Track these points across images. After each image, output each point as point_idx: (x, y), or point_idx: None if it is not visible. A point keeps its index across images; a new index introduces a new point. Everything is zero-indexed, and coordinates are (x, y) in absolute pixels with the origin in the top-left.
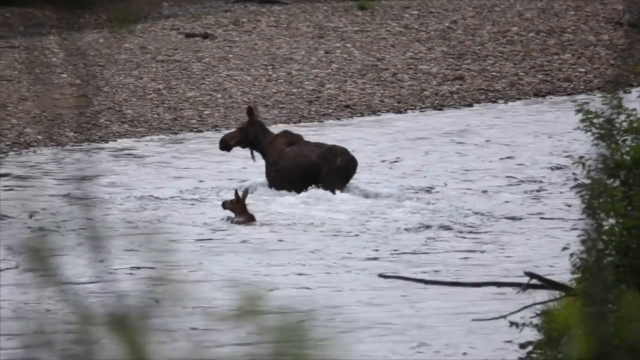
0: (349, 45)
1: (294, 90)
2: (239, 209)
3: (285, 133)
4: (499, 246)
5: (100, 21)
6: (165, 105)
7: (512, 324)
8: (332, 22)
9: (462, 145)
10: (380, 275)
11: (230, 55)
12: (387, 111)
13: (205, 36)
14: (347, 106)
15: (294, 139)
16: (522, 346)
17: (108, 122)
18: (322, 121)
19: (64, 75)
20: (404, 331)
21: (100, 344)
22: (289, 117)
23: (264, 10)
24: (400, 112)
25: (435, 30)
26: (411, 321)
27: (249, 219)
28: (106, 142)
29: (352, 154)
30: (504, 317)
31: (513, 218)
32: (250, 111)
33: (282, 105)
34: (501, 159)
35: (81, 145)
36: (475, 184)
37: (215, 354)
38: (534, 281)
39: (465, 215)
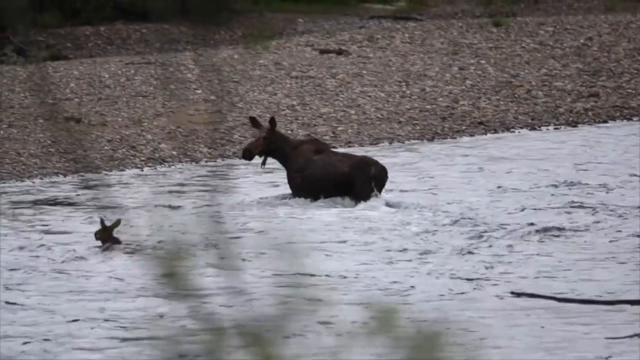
0: (483, 61)
1: (428, 106)
2: (106, 236)
3: (313, 140)
4: (616, 262)
5: (235, 37)
6: (299, 121)
7: None
8: (466, 38)
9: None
10: (513, 293)
11: (364, 72)
12: (521, 128)
13: (339, 52)
14: (480, 123)
15: (321, 147)
16: None
17: (242, 138)
18: (455, 138)
19: (199, 91)
20: (536, 349)
21: (233, 356)
22: (422, 134)
23: (399, 26)
24: (535, 129)
25: (570, 47)
26: (541, 339)
27: (113, 242)
28: (240, 158)
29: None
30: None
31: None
32: (273, 121)
33: (415, 122)
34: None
35: (215, 161)
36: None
37: None
38: None
39: (574, 229)
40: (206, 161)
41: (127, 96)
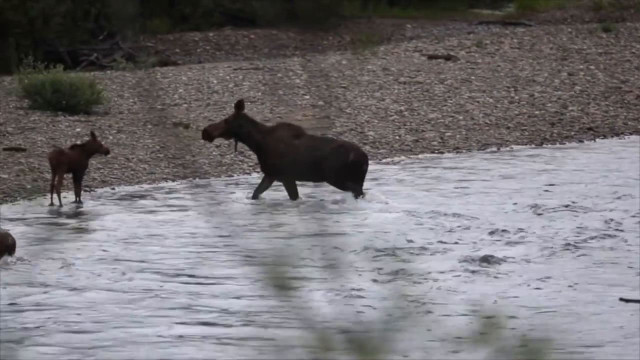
0: (592, 67)
1: (537, 112)
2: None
3: (286, 125)
4: None
5: (343, 43)
6: (406, 127)
7: None
8: (575, 44)
9: None
10: (622, 299)
11: (473, 77)
12: (631, 134)
13: (447, 58)
14: (589, 128)
15: (298, 131)
16: None
17: None
18: (564, 143)
19: (307, 97)
20: None
21: None
22: (531, 139)
23: (507, 32)
24: None
25: None
26: None
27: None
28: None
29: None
30: None
31: None
32: (240, 104)
33: (524, 127)
34: None
35: None
36: None
37: None
38: None
39: None
40: None
41: (236, 102)
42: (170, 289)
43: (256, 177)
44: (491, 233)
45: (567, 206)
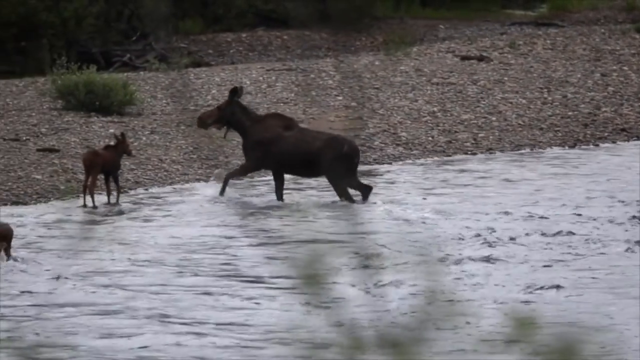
0: (625, 68)
1: (570, 113)
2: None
3: (277, 115)
4: None
5: (376, 44)
6: (439, 127)
7: None
8: (608, 44)
9: None
10: None
11: (506, 78)
12: None
13: (480, 59)
14: (623, 129)
15: (288, 123)
16: None
17: (383, 145)
18: (597, 144)
19: (340, 98)
20: None
21: None
22: (564, 140)
23: (540, 32)
24: None
25: None
26: None
27: None
28: (380, 164)
29: None
30: None
31: None
32: (234, 91)
33: (557, 129)
34: None
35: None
36: None
37: None
38: None
39: None
40: None
41: (268, 102)
42: (217, 291)
43: (288, 179)
44: (527, 234)
45: (609, 207)
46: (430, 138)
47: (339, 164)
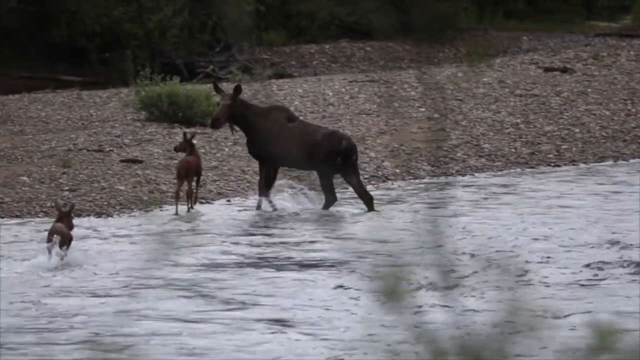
0: None
1: None
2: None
3: (280, 107)
4: None
5: (459, 55)
6: (522, 139)
7: None
8: None
9: None
10: None
11: (589, 90)
12: None
13: (564, 70)
14: None
15: (291, 115)
16: None
17: (465, 156)
18: None
19: (422, 109)
20: None
21: None
22: None
23: (624, 44)
24: None
25: None
26: None
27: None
28: (463, 175)
29: None
30: None
31: None
32: (237, 88)
33: None
34: None
35: (438, 179)
36: None
37: None
38: None
39: None
40: (429, 178)
41: (351, 114)
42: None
43: (370, 189)
44: (610, 244)
45: None
46: (513, 150)
47: (334, 159)
